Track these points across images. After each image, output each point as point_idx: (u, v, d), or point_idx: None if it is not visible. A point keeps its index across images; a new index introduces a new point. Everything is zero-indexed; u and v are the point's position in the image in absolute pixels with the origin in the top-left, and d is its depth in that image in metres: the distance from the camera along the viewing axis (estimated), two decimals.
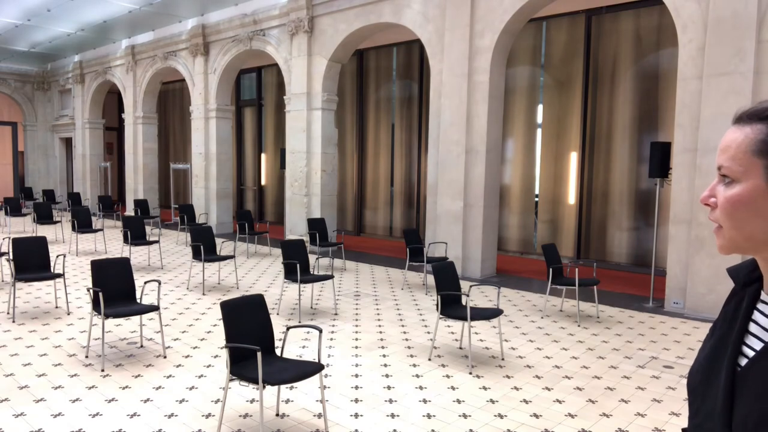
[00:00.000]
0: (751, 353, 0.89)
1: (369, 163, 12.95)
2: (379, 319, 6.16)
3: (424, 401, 4.02)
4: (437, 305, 4.98)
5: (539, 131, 10.22)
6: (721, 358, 0.93)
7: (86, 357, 4.82)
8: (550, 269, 6.33)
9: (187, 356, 4.90)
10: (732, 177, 0.86)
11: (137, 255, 9.65)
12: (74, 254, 10.00)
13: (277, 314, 6.25)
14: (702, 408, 0.94)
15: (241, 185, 16.12)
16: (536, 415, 3.82)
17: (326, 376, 4.43)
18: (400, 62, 12.31)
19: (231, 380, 3.45)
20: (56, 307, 6.44)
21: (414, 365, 4.75)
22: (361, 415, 3.78)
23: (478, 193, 8.36)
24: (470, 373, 4.57)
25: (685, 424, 1.05)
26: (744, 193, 0.84)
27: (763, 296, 0.92)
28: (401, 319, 6.18)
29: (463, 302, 5.07)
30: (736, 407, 0.86)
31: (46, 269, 6.33)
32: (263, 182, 15.55)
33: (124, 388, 4.17)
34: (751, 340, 0.90)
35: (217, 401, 3.94)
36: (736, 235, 0.88)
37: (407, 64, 12.16)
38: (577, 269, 6.39)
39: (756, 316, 0.92)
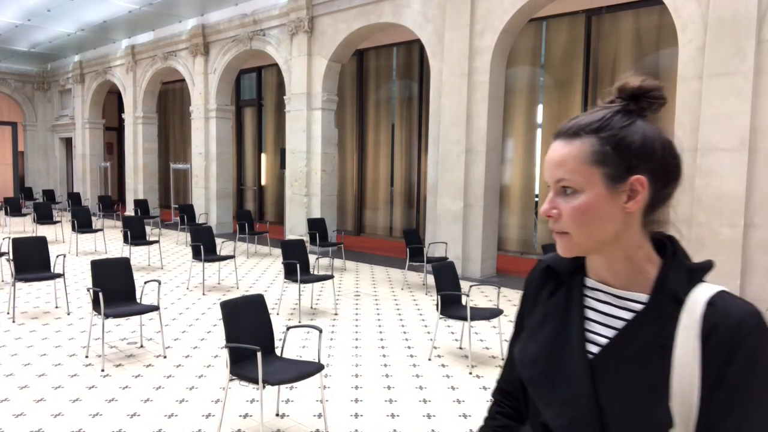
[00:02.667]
0: (600, 339, 0.97)
1: (369, 163, 12.95)
2: (379, 319, 6.16)
3: (424, 401, 4.02)
4: (437, 305, 4.98)
5: (539, 131, 10.22)
6: (565, 347, 0.99)
7: (86, 357, 4.82)
8: None
9: (187, 356, 4.90)
10: (575, 188, 0.93)
11: (137, 255, 9.65)
12: (74, 254, 10.00)
13: (277, 314, 6.25)
14: (554, 397, 0.98)
15: (241, 185, 16.11)
16: None
17: (326, 376, 4.43)
18: (400, 62, 12.31)
19: (231, 380, 3.45)
20: (56, 307, 6.44)
21: (414, 365, 4.75)
22: (361, 415, 3.78)
23: (478, 193, 8.36)
24: (470, 373, 4.57)
25: None
26: (590, 201, 0.92)
27: (592, 283, 1.02)
28: (401, 319, 6.18)
29: (463, 302, 5.07)
30: (602, 395, 0.92)
31: (46, 269, 6.33)
32: (263, 182, 15.55)
33: (124, 388, 4.17)
34: (595, 327, 0.98)
35: (217, 401, 3.95)
36: (586, 239, 0.95)
37: (407, 64, 12.16)
38: None
39: (591, 303, 1.01)
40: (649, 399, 0.89)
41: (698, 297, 0.92)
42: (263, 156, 15.42)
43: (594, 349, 0.97)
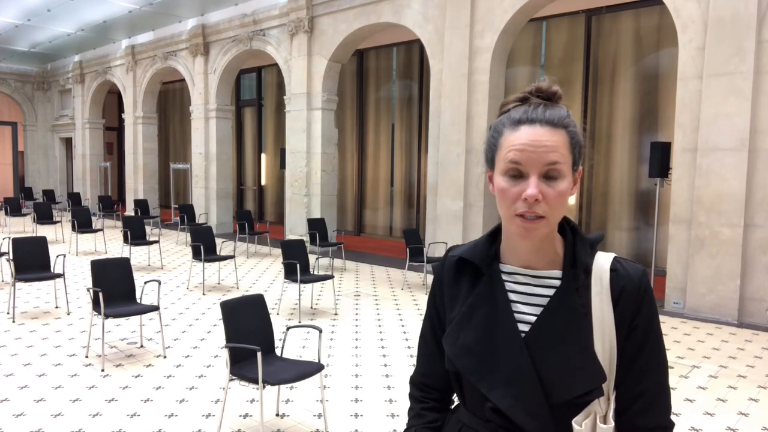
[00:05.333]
0: (527, 317, 1.07)
1: (369, 163, 12.95)
2: (379, 319, 6.16)
3: None
4: None
5: None
6: (498, 331, 1.07)
7: (86, 357, 4.82)
8: None
9: (187, 356, 4.90)
10: (562, 173, 1.00)
11: (137, 255, 9.65)
12: (74, 254, 10.00)
13: (277, 314, 6.25)
14: (496, 379, 1.05)
15: (241, 185, 16.11)
16: None
17: (326, 376, 4.43)
18: (400, 62, 12.31)
19: (231, 380, 3.45)
20: (56, 307, 6.44)
21: (414, 365, 4.74)
22: (361, 415, 3.79)
23: (478, 193, 8.36)
24: None
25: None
26: (567, 186, 1.01)
27: (508, 269, 1.11)
28: (401, 319, 6.18)
29: None
30: (540, 366, 1.03)
31: (46, 269, 6.33)
32: (263, 182, 15.55)
33: (124, 388, 4.17)
34: (519, 307, 1.08)
35: (217, 401, 3.94)
36: (554, 222, 1.03)
37: (407, 64, 12.16)
38: None
39: (511, 286, 1.10)
40: (581, 360, 1.02)
41: (601, 265, 1.08)
42: (263, 156, 15.42)
43: (523, 327, 1.07)
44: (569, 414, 1.03)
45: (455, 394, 1.21)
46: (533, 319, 1.07)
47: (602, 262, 1.08)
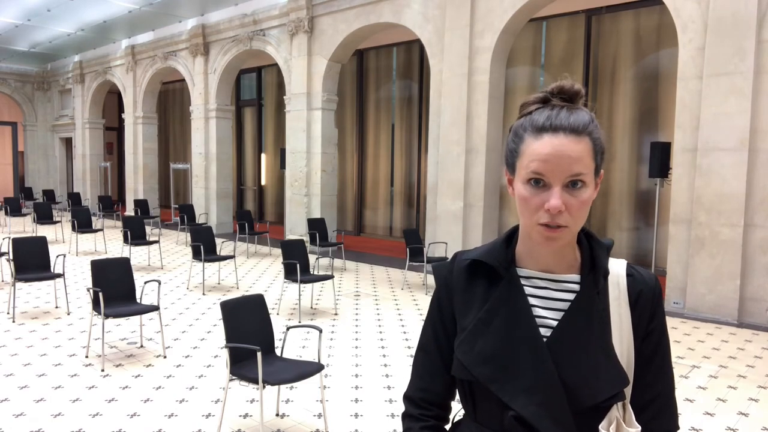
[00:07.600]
0: (548, 322, 1.05)
1: (369, 163, 12.95)
2: (379, 319, 6.16)
3: None
4: None
5: None
6: (519, 337, 1.03)
7: (86, 357, 4.82)
8: None
9: (187, 356, 4.90)
10: (585, 182, 0.98)
11: (137, 255, 9.65)
12: (74, 254, 10.00)
13: (277, 314, 6.25)
14: (518, 387, 1.01)
15: (241, 185, 16.11)
16: None
17: (326, 376, 4.43)
18: (400, 62, 12.31)
19: (231, 380, 3.45)
20: (56, 307, 6.44)
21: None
22: (361, 415, 3.79)
23: (478, 193, 8.36)
24: None
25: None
26: (590, 194, 1.00)
27: (526, 273, 1.08)
28: (401, 319, 6.18)
29: None
30: (562, 371, 1.00)
31: (46, 269, 6.33)
32: (263, 182, 15.55)
33: (124, 388, 4.17)
34: (539, 312, 1.05)
35: (217, 401, 3.94)
36: (576, 230, 1.02)
37: (407, 64, 12.16)
38: None
39: (530, 291, 1.07)
40: (605, 364, 1.01)
41: (617, 271, 1.08)
42: (263, 156, 15.42)
43: (544, 332, 1.04)
44: (590, 420, 1.01)
45: (462, 408, 1.16)
46: (554, 323, 1.04)
47: (616, 267, 1.09)
